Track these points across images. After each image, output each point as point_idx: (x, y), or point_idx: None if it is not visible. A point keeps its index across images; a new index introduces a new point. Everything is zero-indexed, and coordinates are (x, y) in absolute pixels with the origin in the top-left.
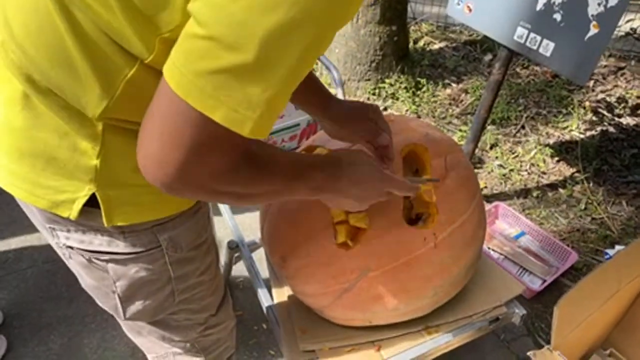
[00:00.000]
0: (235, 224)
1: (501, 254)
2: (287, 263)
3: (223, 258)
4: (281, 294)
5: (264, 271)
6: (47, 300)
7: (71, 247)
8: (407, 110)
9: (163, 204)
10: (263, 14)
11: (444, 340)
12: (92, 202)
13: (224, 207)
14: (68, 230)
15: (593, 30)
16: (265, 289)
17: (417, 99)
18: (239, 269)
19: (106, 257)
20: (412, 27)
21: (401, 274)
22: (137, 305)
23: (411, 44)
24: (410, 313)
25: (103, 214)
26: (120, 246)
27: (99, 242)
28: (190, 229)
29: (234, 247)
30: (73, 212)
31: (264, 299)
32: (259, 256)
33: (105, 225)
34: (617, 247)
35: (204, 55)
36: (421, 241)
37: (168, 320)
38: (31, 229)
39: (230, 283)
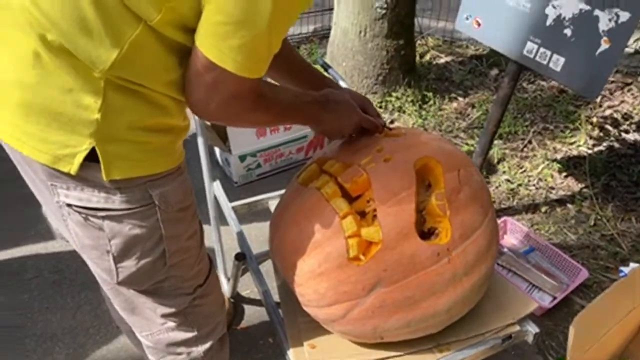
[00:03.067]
0: (242, 235)
1: (510, 270)
2: (296, 276)
3: (230, 270)
4: (289, 308)
5: (271, 284)
6: (52, 311)
7: (69, 205)
8: (413, 124)
9: (154, 161)
10: None
11: (455, 359)
12: (91, 158)
13: (231, 218)
14: (67, 188)
15: (604, 46)
16: (272, 302)
17: (423, 113)
18: (246, 282)
19: (102, 213)
20: (419, 41)
21: (414, 290)
22: (130, 267)
23: (418, 58)
24: (422, 330)
25: (102, 167)
26: (116, 202)
27: (96, 199)
28: (177, 189)
29: (241, 258)
30: (74, 166)
31: (272, 313)
32: (266, 268)
33: (104, 178)
34: (632, 265)
35: (231, 35)
36: (435, 256)
37: (158, 289)
38: (36, 238)
39: (236, 296)
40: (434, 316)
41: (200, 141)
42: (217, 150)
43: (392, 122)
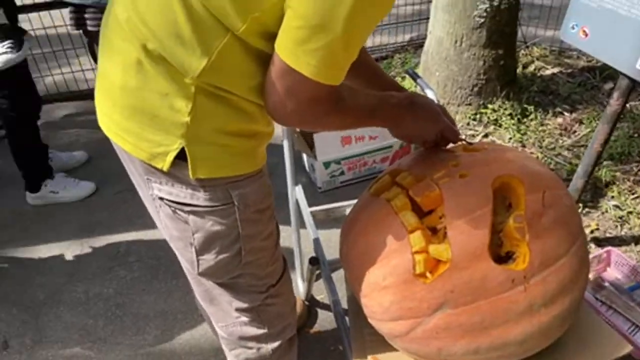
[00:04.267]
0: (318, 241)
1: (610, 307)
2: (361, 287)
3: (306, 273)
4: (357, 319)
5: (344, 292)
6: (148, 293)
7: (161, 198)
8: (510, 139)
9: (236, 164)
10: (340, 3)
11: None
12: (181, 157)
13: (308, 222)
14: (160, 183)
15: None
16: (341, 311)
17: (522, 127)
18: (321, 287)
19: (188, 208)
20: (522, 51)
21: (483, 315)
22: (209, 260)
23: (520, 69)
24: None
25: (189, 166)
26: (200, 199)
27: (183, 194)
28: (256, 191)
29: (314, 263)
30: (166, 163)
31: (340, 321)
32: (340, 275)
33: (190, 176)
34: None
35: (307, 40)
36: (509, 282)
37: (234, 284)
38: (142, 226)
39: (311, 299)
40: (505, 346)
41: (286, 146)
42: (304, 155)
43: (486, 135)
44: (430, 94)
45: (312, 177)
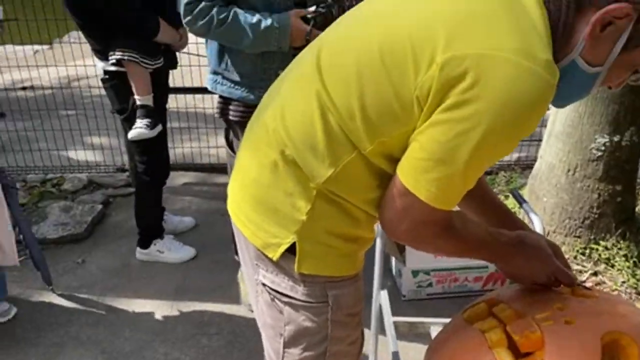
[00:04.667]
0: (397, 355)
1: None
2: None
3: None
4: None
5: None
6: None
7: (264, 285)
8: (623, 282)
9: (337, 265)
10: (465, 142)
11: None
12: (290, 250)
13: (389, 332)
14: (266, 270)
15: None
16: None
17: (639, 272)
18: None
19: (286, 299)
20: None
21: None
22: (294, 354)
23: (638, 207)
24: None
25: (296, 259)
26: (298, 292)
27: (284, 285)
28: (351, 294)
29: None
30: (276, 254)
31: None
32: None
33: (295, 269)
34: None
35: (429, 170)
36: None
37: None
38: (227, 299)
39: None
40: None
41: (378, 247)
42: (393, 258)
43: (595, 274)
44: (535, 220)
45: (397, 282)
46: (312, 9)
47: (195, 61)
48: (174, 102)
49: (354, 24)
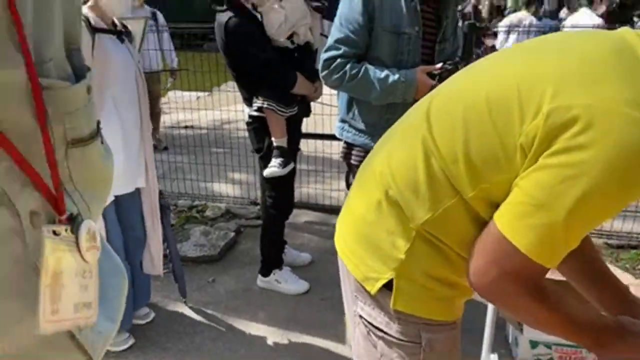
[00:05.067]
0: None
1: None
2: None
3: None
4: None
5: None
6: None
7: (361, 317)
8: None
9: (433, 308)
10: (571, 188)
11: None
12: (388, 286)
13: None
14: (364, 303)
15: None
16: None
17: None
18: None
19: (380, 334)
20: None
21: None
22: None
23: None
24: None
25: (393, 296)
26: (392, 329)
27: (380, 320)
28: (445, 340)
29: None
30: (375, 288)
31: None
32: None
33: (391, 305)
34: None
35: (528, 215)
36: None
37: None
38: (331, 337)
39: None
40: None
41: (490, 307)
42: (509, 325)
43: None
44: None
45: (512, 351)
46: (439, 65)
47: (328, 110)
48: (305, 146)
49: (467, 76)
